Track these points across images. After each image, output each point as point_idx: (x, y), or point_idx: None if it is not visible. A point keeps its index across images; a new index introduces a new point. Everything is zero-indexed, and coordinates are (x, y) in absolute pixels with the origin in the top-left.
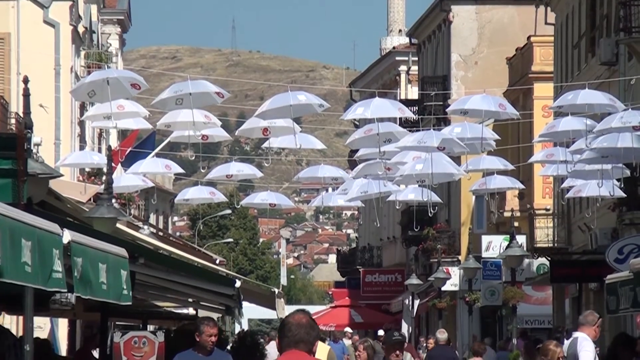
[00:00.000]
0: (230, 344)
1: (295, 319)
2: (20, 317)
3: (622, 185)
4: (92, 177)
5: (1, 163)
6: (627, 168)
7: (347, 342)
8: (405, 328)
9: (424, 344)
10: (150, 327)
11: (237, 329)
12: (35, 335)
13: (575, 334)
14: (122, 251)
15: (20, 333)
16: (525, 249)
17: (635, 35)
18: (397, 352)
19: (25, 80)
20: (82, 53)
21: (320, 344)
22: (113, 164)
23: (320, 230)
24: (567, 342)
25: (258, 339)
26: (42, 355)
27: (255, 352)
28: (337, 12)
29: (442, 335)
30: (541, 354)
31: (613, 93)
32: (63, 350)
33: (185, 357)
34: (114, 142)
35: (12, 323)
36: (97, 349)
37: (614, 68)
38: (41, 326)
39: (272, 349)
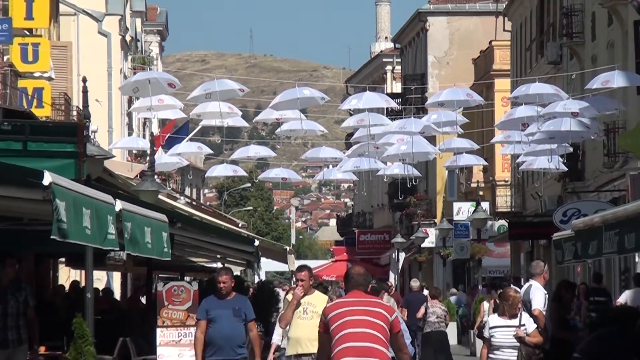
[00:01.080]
0: (251, 292)
1: (356, 270)
2: (83, 271)
3: (565, 161)
4: (138, 158)
5: (65, 147)
6: (569, 146)
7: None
8: (392, 277)
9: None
10: (187, 278)
11: (257, 280)
12: (94, 286)
13: (529, 282)
14: (163, 217)
15: (83, 284)
16: (488, 213)
17: (575, 40)
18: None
19: (84, 80)
20: (129, 58)
21: (318, 292)
22: (155, 147)
23: (322, 199)
24: (523, 289)
25: (273, 288)
26: (106, 299)
27: (271, 297)
28: (335, 23)
29: (415, 283)
30: (503, 299)
31: (557, 86)
32: (117, 297)
33: (208, 301)
34: (155, 129)
35: (76, 276)
36: (144, 296)
37: (559, 66)
38: (99, 278)
39: (288, 294)
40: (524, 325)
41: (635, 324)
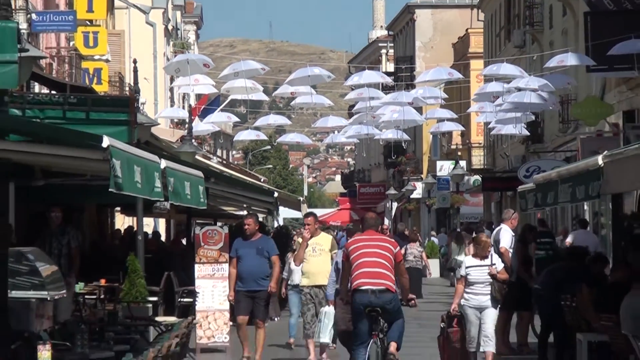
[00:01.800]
0: (271, 234)
1: (370, 215)
2: (135, 218)
3: (528, 127)
4: (179, 125)
5: (120, 116)
6: (531, 115)
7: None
8: (386, 222)
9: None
10: (219, 224)
11: (276, 224)
12: (144, 230)
13: (500, 226)
14: (199, 173)
15: (135, 229)
16: (465, 169)
17: (536, 28)
18: None
19: (134, 62)
20: (171, 43)
21: (324, 233)
22: (192, 117)
23: (329, 159)
24: (494, 231)
25: (289, 231)
26: (154, 241)
27: (287, 239)
28: (339, 13)
29: (401, 227)
30: (476, 243)
31: (521, 66)
32: (163, 240)
33: (237, 242)
34: (192, 102)
35: (129, 222)
36: (185, 238)
37: (522, 49)
38: (148, 224)
39: (296, 237)
40: (494, 264)
41: (583, 260)
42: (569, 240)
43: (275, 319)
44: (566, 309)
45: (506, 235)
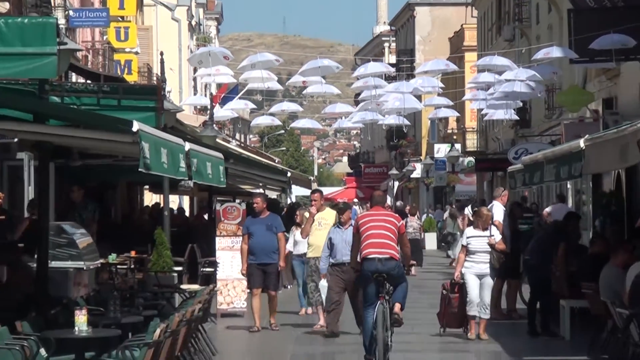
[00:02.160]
0: (285, 210)
1: (377, 193)
2: (161, 195)
3: (517, 113)
4: (201, 111)
5: (148, 103)
6: (520, 102)
7: (358, 209)
8: (388, 200)
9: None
10: (237, 201)
11: (289, 201)
12: (170, 207)
13: (492, 203)
14: (220, 155)
15: (162, 205)
16: (460, 152)
17: (524, 23)
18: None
19: (161, 54)
20: (194, 37)
21: (329, 209)
22: (213, 104)
23: (337, 142)
24: (488, 207)
25: (301, 207)
26: (179, 216)
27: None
28: (346, 10)
29: (400, 205)
30: (477, 216)
31: (511, 58)
32: (187, 215)
33: (248, 220)
34: (214, 90)
35: (156, 199)
36: (207, 214)
37: (512, 43)
38: (173, 201)
39: (300, 212)
40: (493, 235)
41: (565, 228)
42: (547, 210)
43: (289, 287)
44: (552, 279)
45: (498, 211)
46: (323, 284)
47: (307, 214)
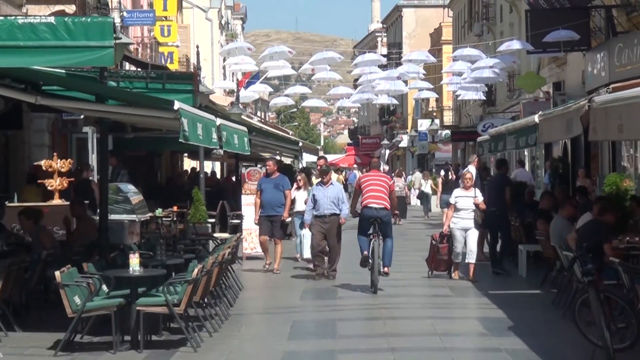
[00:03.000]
0: (297, 173)
1: (374, 160)
2: (197, 161)
3: (484, 94)
4: (229, 94)
5: (187, 86)
6: (486, 86)
7: (357, 172)
8: (381, 165)
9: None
10: (259, 165)
11: (300, 166)
12: (205, 170)
13: (467, 167)
14: (244, 128)
15: (198, 169)
16: (438, 125)
17: (490, 21)
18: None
19: (197, 47)
20: (223, 34)
21: (333, 174)
22: (239, 87)
23: (339, 118)
24: (465, 170)
25: (310, 170)
26: (211, 178)
27: (309, 177)
28: (346, 10)
29: (386, 167)
30: (463, 179)
31: (480, 50)
32: (218, 177)
33: (261, 179)
34: (239, 76)
35: (193, 164)
36: (234, 176)
37: (481, 37)
38: (207, 166)
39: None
40: (477, 196)
41: (505, 176)
42: (512, 175)
43: (294, 239)
44: (512, 227)
45: (472, 172)
46: (307, 232)
47: (315, 180)
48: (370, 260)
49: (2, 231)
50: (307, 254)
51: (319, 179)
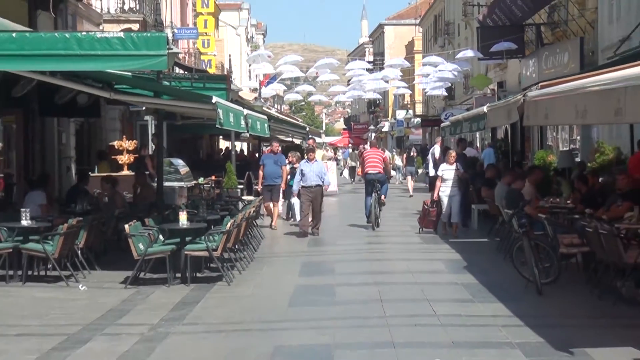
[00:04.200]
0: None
1: (372, 141)
2: (229, 142)
3: (446, 91)
4: (253, 91)
5: (221, 85)
6: (448, 84)
7: (349, 150)
8: (368, 144)
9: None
10: (275, 143)
11: (306, 145)
12: (236, 149)
13: (434, 145)
14: (265, 117)
15: (230, 148)
16: (412, 115)
17: (450, 35)
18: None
19: (230, 56)
20: (249, 45)
21: (319, 150)
22: (261, 86)
23: (337, 109)
24: (432, 148)
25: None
26: (241, 154)
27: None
28: (342, 27)
29: (367, 145)
30: (447, 156)
31: (443, 57)
32: (245, 153)
33: (264, 155)
34: (261, 77)
35: (226, 144)
36: (257, 153)
37: (443, 48)
38: (237, 145)
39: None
40: (459, 169)
41: (474, 162)
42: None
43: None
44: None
45: (437, 150)
46: (295, 200)
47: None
48: (371, 215)
49: (86, 195)
50: (297, 217)
51: (306, 157)
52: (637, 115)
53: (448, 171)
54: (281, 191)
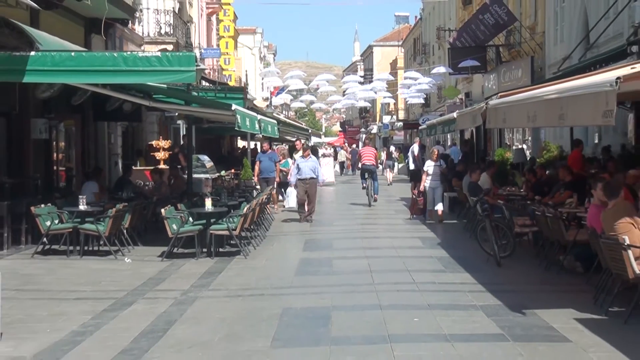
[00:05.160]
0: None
1: (367, 141)
2: (245, 142)
3: (424, 100)
4: (265, 100)
5: (240, 95)
6: (425, 94)
7: (343, 151)
8: (360, 145)
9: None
10: (283, 144)
11: (310, 144)
12: (251, 147)
13: (414, 144)
14: (275, 121)
15: (246, 147)
16: (395, 119)
17: (427, 55)
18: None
19: (246, 71)
20: (262, 62)
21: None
22: (271, 96)
23: (334, 115)
24: (411, 147)
25: (317, 148)
26: (255, 150)
27: (316, 153)
28: (339, 47)
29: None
30: (431, 153)
31: (420, 72)
32: (258, 150)
33: (259, 154)
34: (271, 89)
35: (243, 143)
36: (270, 149)
37: (421, 65)
38: (252, 145)
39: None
40: (442, 165)
41: (446, 157)
42: (434, 148)
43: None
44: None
45: (416, 148)
46: (292, 190)
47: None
48: (366, 189)
49: (129, 184)
50: (293, 204)
51: (302, 154)
52: (576, 119)
53: (432, 167)
54: (275, 182)
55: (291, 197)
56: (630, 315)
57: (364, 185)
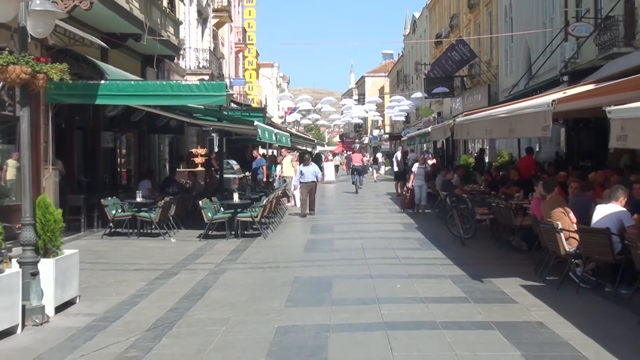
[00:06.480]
0: (314, 155)
1: (358, 149)
2: (265, 149)
3: (405, 117)
4: (280, 118)
5: (260, 114)
6: (405, 113)
7: (339, 158)
8: (351, 152)
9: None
10: (295, 151)
11: (315, 152)
12: (269, 154)
13: (396, 152)
14: (288, 134)
15: (265, 153)
16: (383, 132)
17: (407, 83)
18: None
19: (265, 96)
20: (278, 89)
21: (289, 156)
22: (285, 114)
23: (334, 129)
24: (395, 153)
25: (320, 155)
26: (272, 157)
27: (319, 160)
28: (337, 76)
29: (358, 147)
30: (421, 158)
31: (403, 96)
32: (275, 155)
33: (257, 160)
34: (286, 109)
35: (263, 151)
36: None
37: (404, 91)
38: (270, 152)
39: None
40: (427, 167)
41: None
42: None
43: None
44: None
45: (399, 155)
46: (296, 192)
47: (286, 158)
48: (354, 184)
49: (174, 182)
50: (297, 203)
51: (305, 161)
52: (523, 132)
53: (419, 169)
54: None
55: (297, 197)
56: (561, 282)
57: (353, 180)
